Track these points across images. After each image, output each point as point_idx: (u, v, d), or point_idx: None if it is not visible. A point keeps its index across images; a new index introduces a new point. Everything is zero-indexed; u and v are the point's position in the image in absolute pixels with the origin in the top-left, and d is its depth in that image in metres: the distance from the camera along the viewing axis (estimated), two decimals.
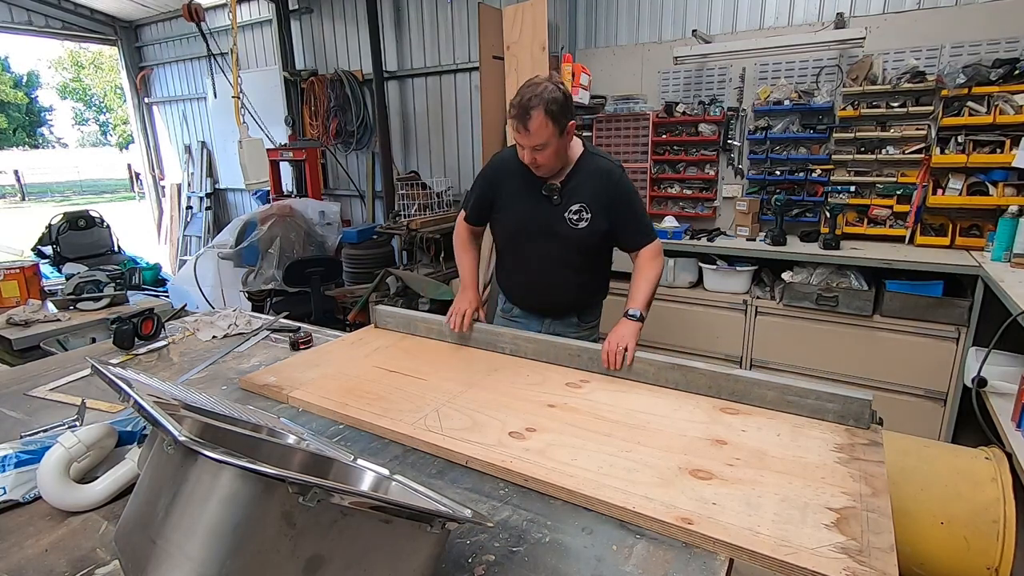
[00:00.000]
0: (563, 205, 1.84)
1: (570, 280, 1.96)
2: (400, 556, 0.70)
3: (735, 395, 1.41)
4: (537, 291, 2.02)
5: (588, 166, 1.85)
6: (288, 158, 5.49)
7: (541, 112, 1.65)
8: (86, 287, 2.77)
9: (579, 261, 1.93)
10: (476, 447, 1.18)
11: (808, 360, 3.29)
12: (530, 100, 1.65)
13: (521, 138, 1.70)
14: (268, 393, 1.51)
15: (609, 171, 1.85)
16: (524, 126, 1.67)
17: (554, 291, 1.99)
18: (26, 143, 29.80)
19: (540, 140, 1.68)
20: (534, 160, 1.73)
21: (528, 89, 1.68)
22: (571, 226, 1.84)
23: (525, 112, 1.66)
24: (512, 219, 1.94)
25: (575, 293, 2.02)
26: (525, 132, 1.67)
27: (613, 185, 1.84)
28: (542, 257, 1.92)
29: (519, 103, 1.67)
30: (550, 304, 2.03)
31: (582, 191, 1.83)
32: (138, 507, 0.71)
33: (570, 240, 1.86)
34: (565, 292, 1.99)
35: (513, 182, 1.90)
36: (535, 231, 1.90)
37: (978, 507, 1.22)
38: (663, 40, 4.00)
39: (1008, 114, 2.88)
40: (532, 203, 1.87)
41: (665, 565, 0.88)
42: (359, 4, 5.31)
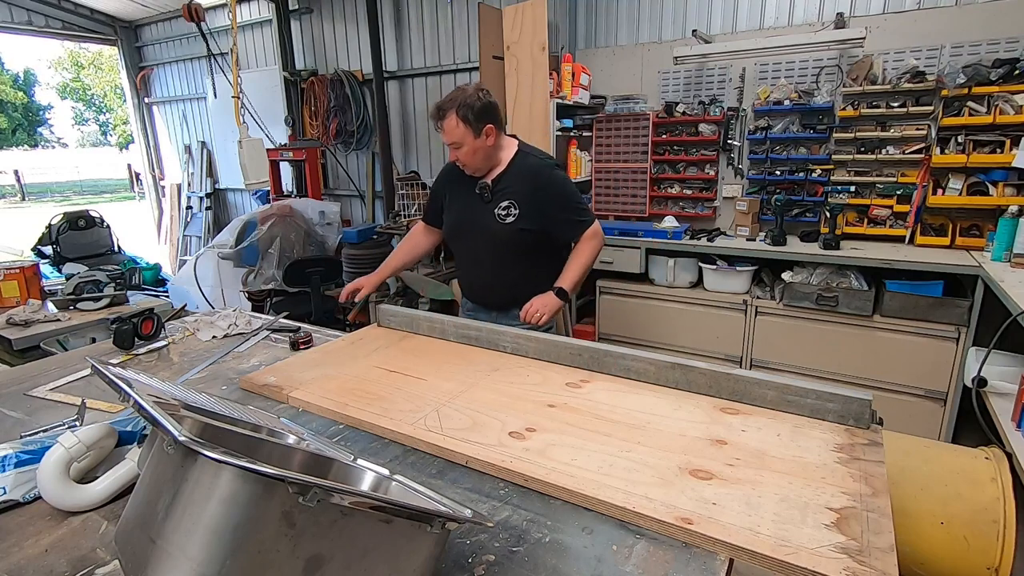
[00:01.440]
0: (493, 202, 2.00)
1: (506, 274, 2.08)
2: (400, 556, 0.70)
3: (735, 395, 1.41)
4: (479, 285, 2.17)
5: (519, 166, 2.01)
6: (288, 158, 5.49)
7: (454, 114, 1.87)
8: (86, 287, 2.77)
9: (513, 255, 2.05)
10: (476, 447, 1.18)
11: (808, 360, 3.30)
12: (446, 103, 1.88)
13: (446, 135, 1.92)
14: (268, 393, 1.51)
15: (538, 169, 2.01)
16: (438, 126, 1.91)
17: (493, 285, 2.13)
18: (26, 143, 29.80)
19: (453, 139, 1.90)
20: (456, 157, 1.95)
21: (451, 93, 1.92)
22: (500, 221, 1.99)
23: (439, 112, 1.90)
24: (452, 218, 2.13)
25: (513, 287, 2.10)
26: (440, 131, 1.92)
27: (542, 182, 1.99)
28: (479, 252, 2.09)
29: (436, 105, 1.91)
30: (492, 298, 2.16)
31: (511, 189, 1.99)
32: (138, 507, 0.71)
33: (500, 235, 2.00)
34: (503, 285, 2.10)
35: (456, 185, 2.09)
36: (470, 228, 2.07)
37: (978, 507, 1.22)
38: (663, 40, 4.01)
39: (1008, 114, 2.88)
40: (468, 202, 2.05)
41: (665, 565, 0.88)
42: (359, 4, 5.31)
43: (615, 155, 4.12)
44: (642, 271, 3.72)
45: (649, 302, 3.75)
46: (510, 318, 2.12)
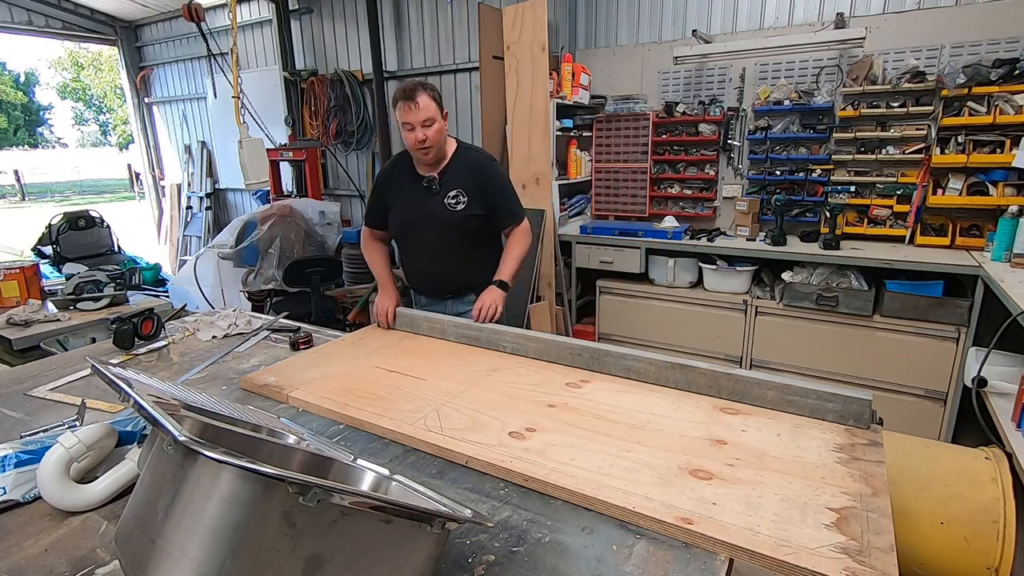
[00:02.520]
0: (442, 193, 2.09)
1: (458, 260, 2.17)
2: (400, 556, 0.70)
3: (735, 395, 1.41)
4: (433, 275, 2.22)
5: (462, 159, 2.13)
6: (288, 158, 5.49)
7: (425, 93, 1.96)
8: (86, 287, 2.77)
9: (463, 242, 2.15)
10: (476, 447, 1.18)
11: (808, 360, 3.30)
12: (414, 84, 1.96)
13: (410, 114, 1.94)
14: (268, 393, 1.51)
15: (481, 162, 2.16)
16: (413, 102, 1.93)
17: (447, 272, 2.19)
18: (26, 143, 29.80)
19: (428, 115, 1.95)
20: (424, 138, 1.96)
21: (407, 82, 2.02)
22: (450, 210, 2.08)
23: (412, 91, 1.94)
24: (401, 213, 2.17)
25: (466, 272, 2.19)
26: (415, 107, 1.93)
27: (485, 173, 2.13)
28: (431, 242, 2.15)
29: (404, 87, 1.96)
30: (447, 285, 2.22)
31: (458, 179, 2.09)
32: (138, 507, 0.71)
33: (451, 223, 2.09)
34: (457, 272, 2.19)
35: (399, 183, 2.16)
36: (420, 220, 2.13)
37: (978, 507, 1.22)
38: (663, 40, 4.00)
39: (1008, 114, 2.88)
40: (416, 196, 2.12)
41: (665, 565, 0.88)
42: (359, 4, 5.31)
43: (615, 155, 4.12)
44: (642, 271, 3.72)
45: (649, 302, 3.75)
46: (466, 304, 2.20)
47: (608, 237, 3.79)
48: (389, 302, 2.08)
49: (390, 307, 2.06)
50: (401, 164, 2.18)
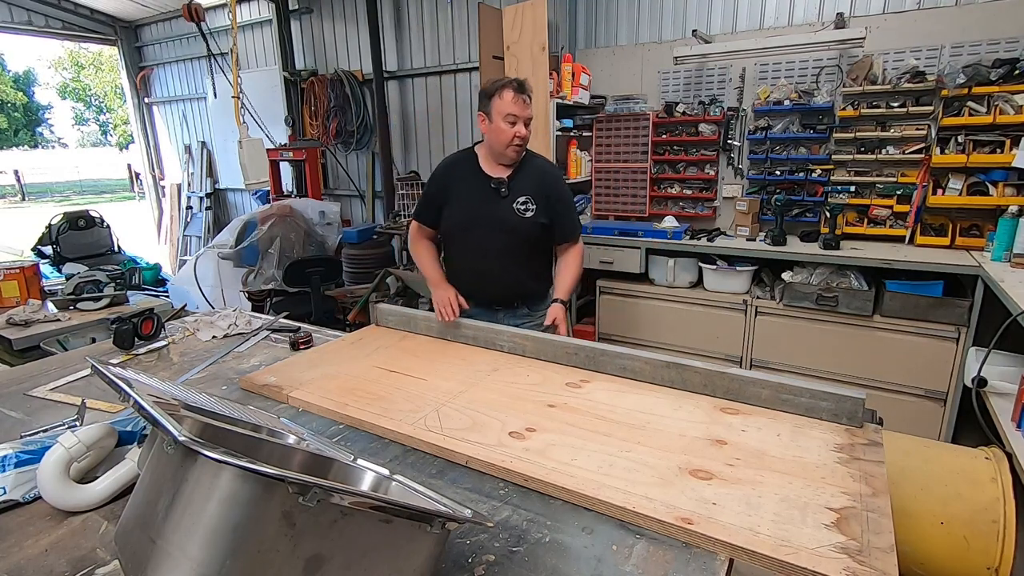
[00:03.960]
0: (511, 197, 2.02)
1: (518, 269, 2.11)
2: (400, 556, 0.70)
3: (730, 393, 1.41)
4: (487, 279, 2.11)
5: (531, 165, 2.08)
6: (288, 158, 5.49)
7: (530, 88, 1.93)
8: (86, 287, 2.77)
9: (525, 250, 2.09)
10: (476, 447, 1.18)
11: (808, 360, 3.30)
12: (523, 79, 1.93)
13: (522, 107, 1.91)
14: (268, 393, 1.51)
15: (549, 169, 2.13)
16: (526, 95, 1.91)
17: (502, 278, 2.10)
18: (26, 143, 29.79)
19: (531, 112, 1.95)
20: (525, 135, 1.94)
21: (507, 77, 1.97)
22: (519, 215, 2.02)
23: (525, 84, 1.91)
24: (462, 211, 2.08)
25: (521, 281, 2.13)
26: (527, 102, 1.92)
27: (553, 181, 2.10)
28: (492, 245, 2.06)
29: (514, 80, 1.90)
30: (499, 292, 2.13)
31: (527, 185, 2.04)
32: (138, 507, 0.71)
33: (518, 229, 2.03)
34: (512, 279, 2.11)
35: (463, 182, 2.07)
36: (484, 221, 2.05)
37: (978, 507, 1.22)
38: (663, 40, 4.01)
39: (1008, 114, 2.88)
40: (481, 196, 2.04)
41: (665, 565, 0.88)
42: (359, 4, 5.31)
43: (615, 155, 4.12)
44: (642, 271, 3.72)
45: (649, 302, 3.75)
46: (517, 317, 2.13)
47: (608, 237, 3.79)
48: (451, 291, 1.98)
49: (452, 295, 1.94)
50: (463, 162, 2.09)
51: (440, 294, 1.95)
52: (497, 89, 1.93)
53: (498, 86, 1.93)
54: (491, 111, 1.96)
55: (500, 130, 1.94)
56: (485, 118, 2.00)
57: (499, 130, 1.94)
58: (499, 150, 1.99)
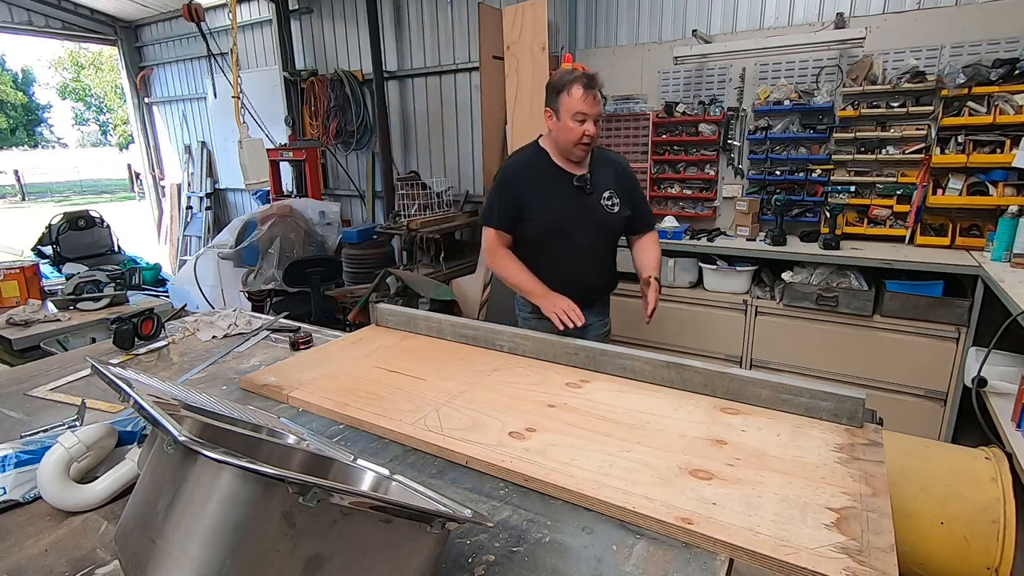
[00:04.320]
0: (596, 193, 1.94)
1: (603, 264, 2.05)
2: (400, 556, 0.70)
3: (730, 393, 1.41)
4: (577, 281, 2.00)
5: (600, 156, 2.00)
6: (288, 158, 5.49)
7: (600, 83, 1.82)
8: (86, 287, 2.77)
9: (610, 245, 2.04)
10: (476, 447, 1.18)
11: (808, 360, 3.30)
12: (593, 73, 1.80)
13: (591, 104, 1.80)
14: (268, 393, 1.51)
15: (619, 160, 2.05)
16: (596, 92, 1.80)
17: (594, 279, 2.04)
18: (25, 143, 29.80)
19: (601, 109, 1.83)
20: (593, 133, 1.83)
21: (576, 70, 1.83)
22: (608, 211, 1.95)
23: (595, 80, 1.79)
24: (549, 216, 1.95)
25: (606, 277, 2.09)
26: (597, 98, 1.81)
27: (626, 172, 2.04)
28: (582, 246, 1.97)
29: (585, 74, 1.78)
30: (591, 294, 2.05)
31: (607, 179, 1.97)
32: (138, 507, 0.71)
33: (607, 225, 1.97)
34: (599, 277, 2.06)
35: (543, 182, 1.95)
36: (575, 223, 1.94)
37: (978, 507, 1.22)
38: (663, 40, 4.01)
39: (1008, 114, 2.88)
40: (568, 196, 1.94)
41: (665, 565, 0.88)
42: (359, 4, 5.31)
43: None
44: None
45: None
46: (593, 315, 2.04)
47: None
48: (564, 297, 1.85)
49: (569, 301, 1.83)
50: (536, 161, 1.97)
51: (555, 301, 1.84)
52: (566, 84, 1.82)
53: (567, 81, 1.82)
54: (559, 107, 1.85)
55: (568, 128, 1.84)
56: (552, 114, 1.89)
57: (567, 128, 1.84)
58: (566, 148, 1.90)
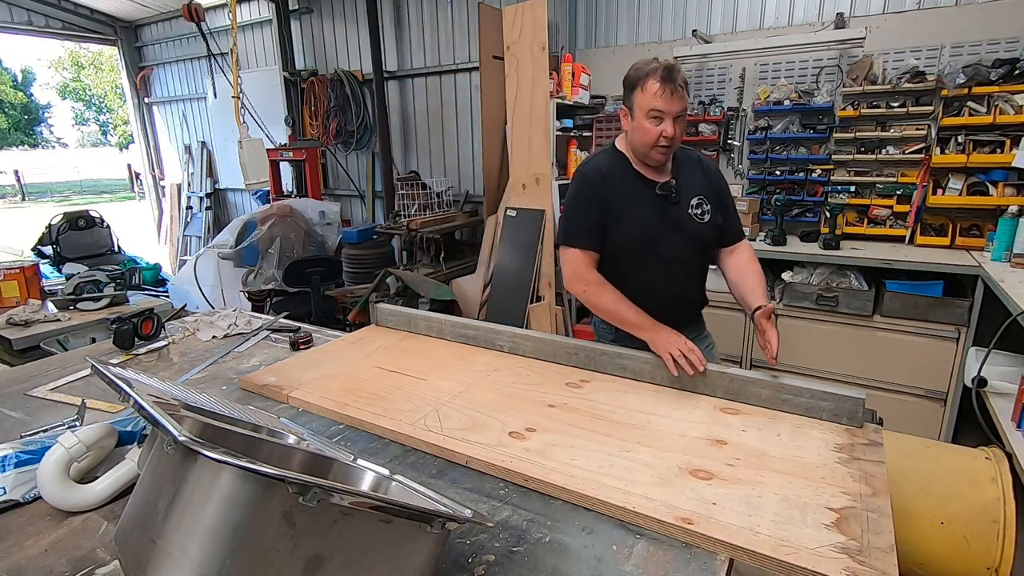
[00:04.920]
0: (683, 202, 1.71)
1: (693, 280, 1.81)
2: (400, 556, 0.70)
3: (730, 393, 1.41)
4: (667, 299, 1.74)
5: (685, 159, 1.75)
6: (288, 158, 5.49)
7: (684, 76, 1.56)
8: (86, 287, 2.77)
9: (701, 258, 1.80)
10: (476, 447, 1.18)
11: (808, 360, 3.29)
12: (673, 65, 1.54)
13: (670, 101, 1.54)
14: (268, 393, 1.51)
15: (707, 163, 1.78)
16: (676, 86, 1.54)
17: (683, 297, 1.80)
18: (25, 142, 29.80)
19: (684, 106, 1.57)
20: (672, 134, 1.57)
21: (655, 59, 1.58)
22: (698, 221, 1.71)
23: (675, 72, 1.53)
24: (638, 225, 1.70)
25: (697, 294, 1.85)
26: (677, 94, 1.54)
27: (716, 176, 1.79)
28: (670, 263, 1.72)
29: (663, 65, 1.54)
30: (680, 313, 1.78)
31: (694, 183, 1.73)
32: (138, 507, 0.71)
33: (697, 237, 1.73)
34: (690, 294, 1.82)
35: (625, 192, 1.71)
36: (660, 236, 1.70)
37: (978, 507, 1.22)
38: (663, 40, 4.00)
39: (1008, 114, 2.88)
40: (652, 207, 1.69)
41: (665, 565, 0.88)
42: (359, 4, 5.31)
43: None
44: None
45: None
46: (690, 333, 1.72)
47: None
48: (680, 335, 1.53)
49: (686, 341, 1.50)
50: (616, 167, 1.72)
51: (670, 339, 1.51)
52: (640, 79, 1.58)
53: (641, 75, 1.57)
54: (633, 104, 1.62)
55: (643, 129, 1.59)
56: (627, 113, 1.66)
57: (641, 129, 1.60)
58: (641, 151, 1.65)
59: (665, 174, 1.71)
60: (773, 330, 1.55)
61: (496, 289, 3.96)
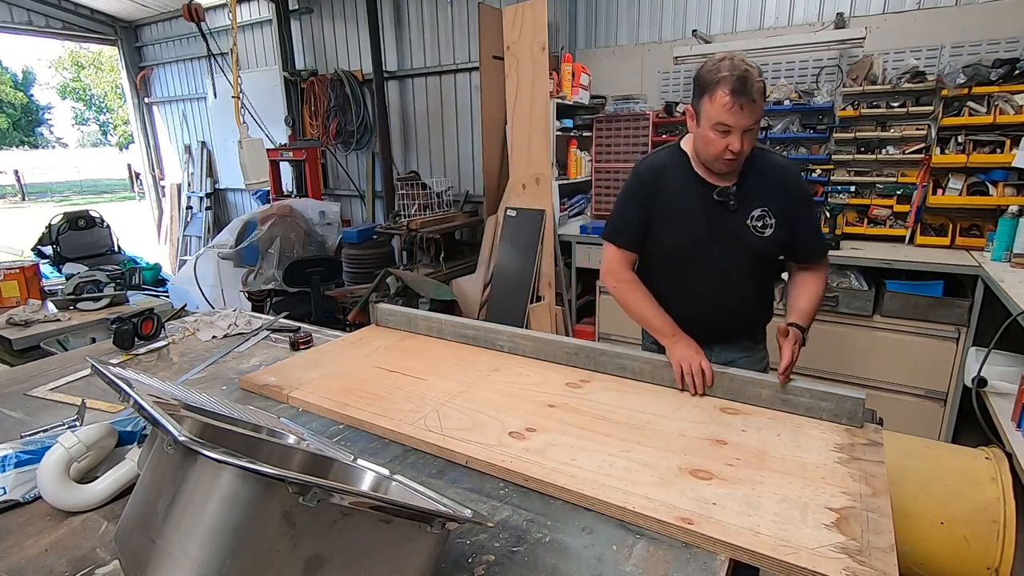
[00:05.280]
0: (741, 211, 1.57)
1: (746, 296, 1.68)
2: (400, 556, 0.70)
3: (730, 393, 1.41)
4: (709, 315, 1.67)
5: (761, 164, 1.58)
6: (288, 158, 5.50)
7: (761, 84, 1.39)
8: (86, 287, 2.77)
9: (756, 274, 1.66)
10: (476, 447, 1.18)
11: (808, 360, 3.29)
12: (748, 72, 1.37)
13: (738, 115, 1.39)
14: (268, 393, 1.51)
15: (785, 168, 1.62)
16: (750, 99, 1.37)
17: (729, 312, 1.68)
18: (25, 143, 29.80)
19: (756, 118, 1.42)
20: (739, 150, 1.43)
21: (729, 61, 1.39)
22: (756, 234, 1.57)
23: (749, 82, 1.36)
24: (680, 233, 1.61)
25: (747, 310, 1.71)
26: (749, 107, 1.38)
27: (794, 188, 1.61)
28: (718, 274, 1.63)
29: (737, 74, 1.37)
30: (723, 328, 1.71)
31: (761, 193, 1.57)
32: (138, 507, 0.71)
33: (753, 251, 1.59)
34: (739, 311, 1.69)
35: (678, 192, 1.61)
36: (710, 244, 1.59)
37: (978, 507, 1.22)
38: (663, 40, 4.01)
39: (1008, 114, 2.88)
40: (706, 211, 1.58)
41: (665, 565, 0.88)
42: (359, 4, 5.31)
43: (615, 155, 4.12)
44: None
45: None
46: (739, 350, 1.73)
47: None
48: (697, 354, 1.48)
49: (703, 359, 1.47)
50: (674, 165, 1.62)
51: (685, 352, 1.49)
52: (710, 86, 1.41)
53: (712, 81, 1.41)
54: (700, 111, 1.48)
55: (708, 139, 1.47)
56: (693, 116, 1.52)
57: (706, 139, 1.47)
58: (705, 159, 1.54)
59: (729, 179, 1.58)
60: (788, 349, 1.49)
61: (496, 289, 3.96)
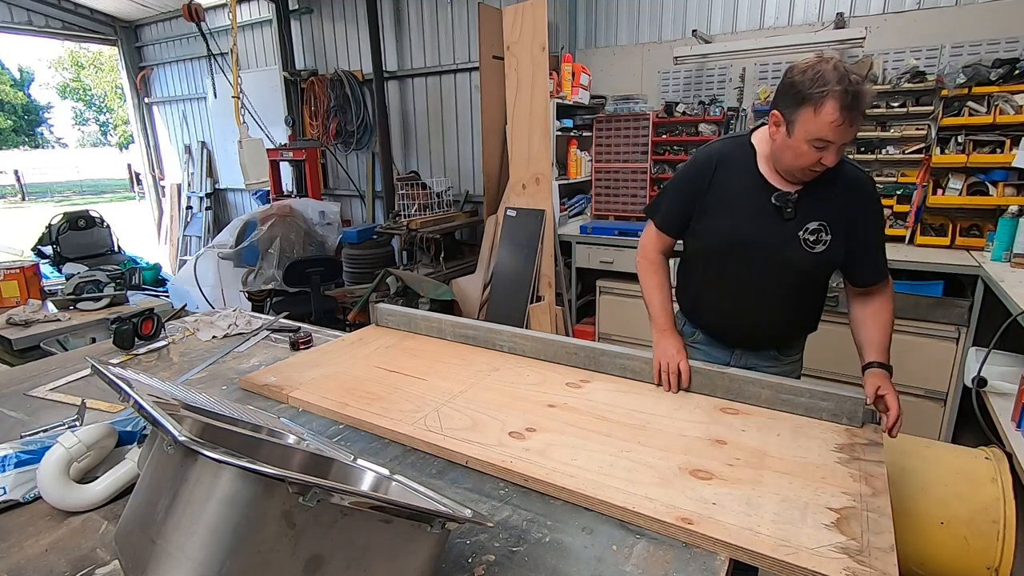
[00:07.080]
0: (797, 220, 1.44)
1: (784, 311, 1.57)
2: (400, 556, 0.70)
3: (730, 393, 1.41)
4: (737, 320, 1.60)
5: (834, 174, 1.42)
6: (288, 158, 5.50)
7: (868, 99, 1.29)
8: (86, 287, 2.77)
9: (799, 290, 1.55)
10: (476, 447, 1.18)
11: (808, 360, 3.25)
12: (860, 83, 1.25)
13: (841, 130, 1.27)
14: (268, 393, 1.51)
15: (859, 181, 1.46)
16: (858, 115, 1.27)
17: (761, 322, 1.59)
18: (25, 143, 29.80)
19: (854, 135, 1.33)
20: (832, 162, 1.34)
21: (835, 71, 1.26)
22: (807, 248, 1.45)
23: (861, 99, 1.25)
24: (724, 229, 1.51)
25: (785, 325, 1.61)
26: (853, 124, 1.27)
27: (863, 201, 1.47)
28: (755, 281, 1.52)
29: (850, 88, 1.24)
30: (749, 336, 1.64)
31: (824, 205, 1.44)
32: (138, 507, 0.71)
33: (801, 266, 1.47)
34: (773, 323, 1.59)
35: (733, 183, 1.50)
36: (755, 249, 1.49)
37: (978, 507, 1.22)
38: (663, 40, 4.01)
39: (1008, 114, 2.88)
40: (755, 213, 1.47)
41: (665, 565, 0.88)
42: (359, 4, 5.31)
43: (615, 155, 4.12)
44: None
45: None
46: (763, 359, 1.66)
47: (608, 237, 3.79)
48: (677, 353, 1.46)
49: (681, 361, 1.44)
50: (736, 158, 1.51)
51: (667, 351, 1.47)
52: (816, 98, 1.26)
53: (819, 93, 1.26)
54: (795, 120, 1.32)
55: (800, 152, 1.34)
56: (781, 122, 1.37)
57: (798, 151, 1.34)
58: (787, 167, 1.41)
59: (793, 184, 1.46)
60: (893, 397, 1.36)
61: (496, 289, 3.96)
